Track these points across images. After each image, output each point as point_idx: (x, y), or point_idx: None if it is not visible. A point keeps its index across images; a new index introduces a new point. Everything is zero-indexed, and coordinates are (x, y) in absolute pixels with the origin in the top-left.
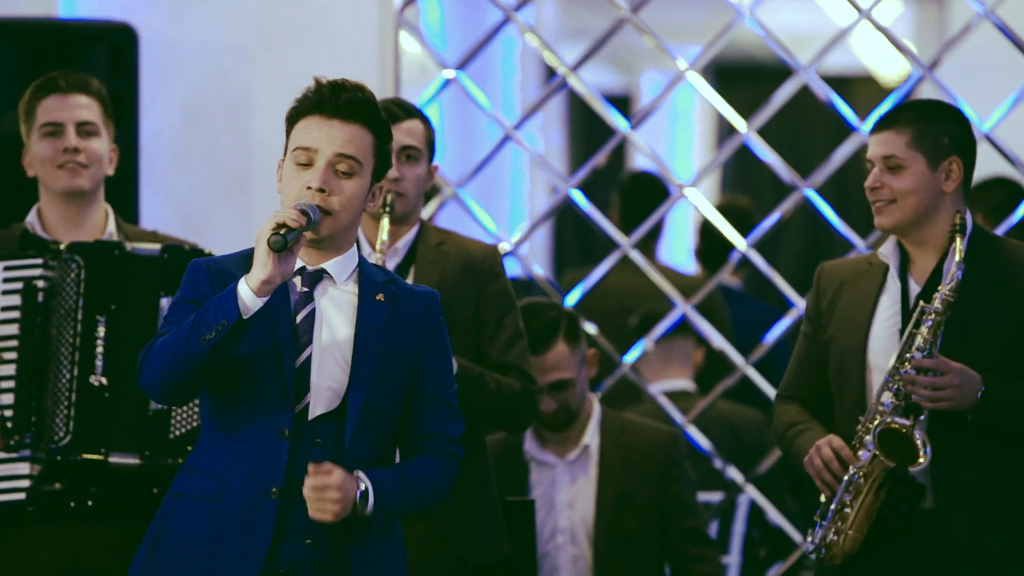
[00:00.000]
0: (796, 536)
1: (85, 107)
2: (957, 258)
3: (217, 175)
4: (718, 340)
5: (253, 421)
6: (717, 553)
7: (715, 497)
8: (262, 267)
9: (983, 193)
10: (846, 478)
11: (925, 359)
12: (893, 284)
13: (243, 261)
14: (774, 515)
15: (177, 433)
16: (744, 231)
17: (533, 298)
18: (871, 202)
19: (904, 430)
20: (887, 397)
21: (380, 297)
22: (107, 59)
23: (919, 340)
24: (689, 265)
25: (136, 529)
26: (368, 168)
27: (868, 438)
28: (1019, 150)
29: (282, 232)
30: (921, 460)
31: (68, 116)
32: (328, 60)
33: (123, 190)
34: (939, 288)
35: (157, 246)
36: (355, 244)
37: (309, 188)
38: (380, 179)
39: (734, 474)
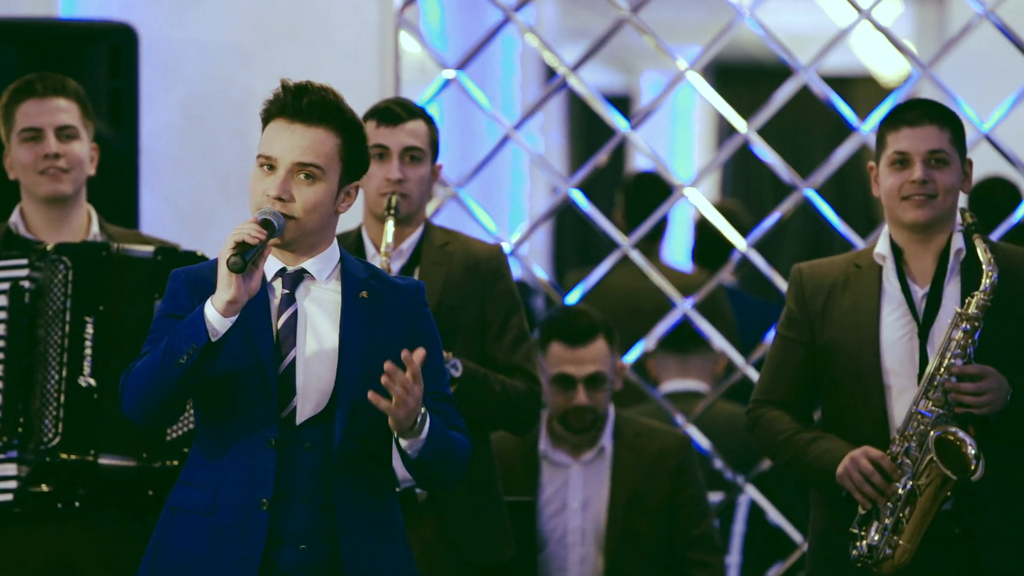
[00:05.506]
0: (796, 536)
1: (64, 111)
2: (985, 257)
3: (217, 175)
4: (719, 340)
5: (240, 432)
6: (723, 560)
7: (715, 497)
8: (225, 288)
9: (983, 193)
10: (901, 491)
11: (968, 366)
12: (891, 285)
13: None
14: (774, 515)
15: (174, 435)
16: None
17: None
18: (910, 195)
19: (959, 442)
20: (926, 405)
21: (364, 294)
22: (107, 59)
23: (955, 346)
24: (687, 265)
25: (126, 531)
26: (333, 171)
27: (912, 445)
28: (1019, 150)
29: (240, 253)
30: (973, 469)
31: (47, 121)
32: (328, 60)
33: (123, 190)
34: (973, 293)
35: (150, 248)
36: (335, 240)
37: (268, 196)
38: (356, 177)
39: (734, 474)
